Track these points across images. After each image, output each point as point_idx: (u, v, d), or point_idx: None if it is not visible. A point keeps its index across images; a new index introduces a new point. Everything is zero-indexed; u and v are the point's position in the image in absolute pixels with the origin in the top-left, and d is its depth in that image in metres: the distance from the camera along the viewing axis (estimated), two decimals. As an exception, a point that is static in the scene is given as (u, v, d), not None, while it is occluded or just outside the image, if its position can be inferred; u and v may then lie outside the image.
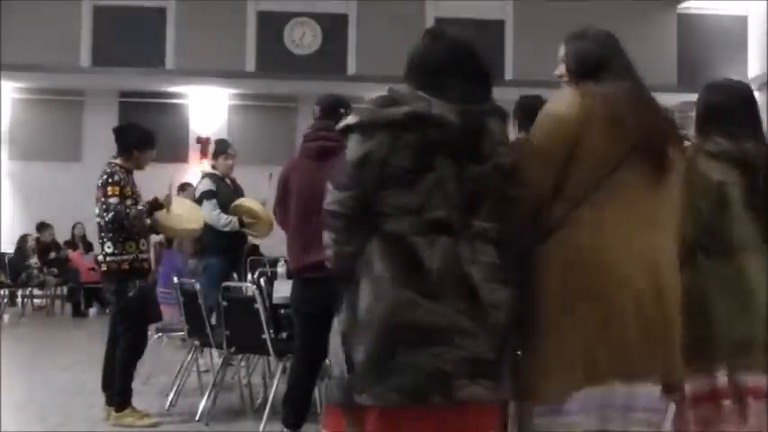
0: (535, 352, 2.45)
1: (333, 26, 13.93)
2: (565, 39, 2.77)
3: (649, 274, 2.43)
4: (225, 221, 7.18)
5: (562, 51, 2.74)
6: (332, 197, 2.47)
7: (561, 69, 2.72)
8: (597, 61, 2.65)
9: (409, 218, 2.35)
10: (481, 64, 2.58)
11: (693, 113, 3.24)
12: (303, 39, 13.96)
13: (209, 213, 7.05)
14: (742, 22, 14.24)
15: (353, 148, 2.42)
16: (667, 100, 14.54)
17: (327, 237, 2.51)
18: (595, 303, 2.39)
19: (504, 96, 5.68)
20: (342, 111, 4.91)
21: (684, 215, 2.71)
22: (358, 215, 2.41)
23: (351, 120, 2.47)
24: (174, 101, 14.27)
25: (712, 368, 2.94)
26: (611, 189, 2.44)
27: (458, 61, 2.52)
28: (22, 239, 13.04)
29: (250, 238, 8.02)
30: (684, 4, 14.07)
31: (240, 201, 7.36)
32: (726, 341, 2.91)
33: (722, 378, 2.93)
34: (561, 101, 2.56)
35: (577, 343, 2.39)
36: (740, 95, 3.18)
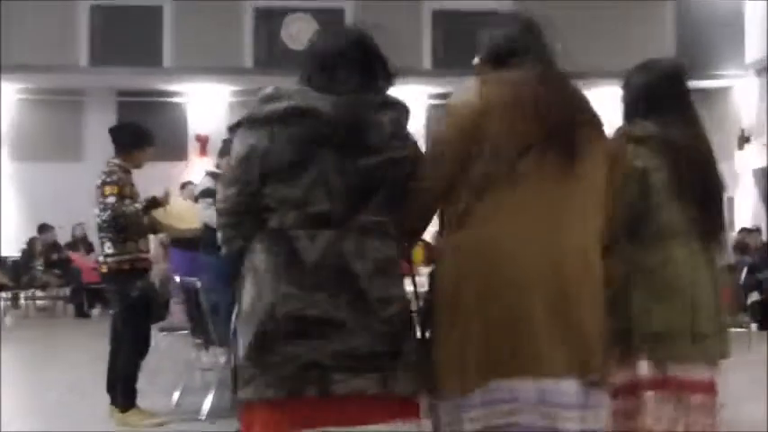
0: (438, 346, 2.41)
1: (329, 21, 13.89)
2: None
3: (553, 266, 2.35)
4: None
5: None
6: (219, 194, 2.48)
7: (476, 59, 2.67)
8: (508, 48, 2.59)
9: (292, 212, 2.35)
10: (372, 54, 2.54)
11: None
12: (300, 34, 13.94)
13: (204, 212, 7.04)
14: (739, 7, 14.20)
15: (237, 144, 2.43)
16: (666, 87, 14.56)
17: (218, 233, 2.50)
18: (494, 297, 2.34)
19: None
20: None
21: (612, 203, 2.59)
22: (244, 211, 2.41)
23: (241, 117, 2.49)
24: (173, 99, 14.26)
25: (633, 359, 2.83)
26: (515, 179, 2.36)
27: (345, 53, 2.50)
28: (31, 242, 13.04)
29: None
30: (682, -9, 14.04)
31: None
32: (647, 331, 2.81)
33: (643, 369, 2.84)
34: (462, 92, 2.51)
35: (477, 337, 2.34)
36: (666, 76, 3.03)
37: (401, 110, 2.51)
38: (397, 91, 2.63)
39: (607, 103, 12.62)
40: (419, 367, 2.40)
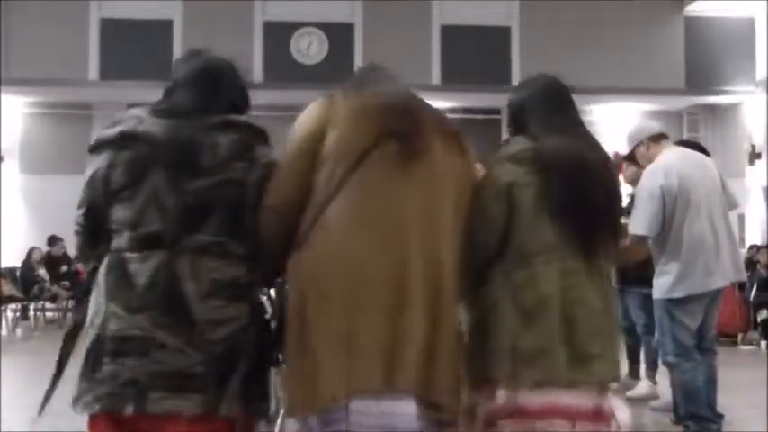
0: (288, 365, 2.41)
1: (339, 35, 13.94)
2: None
3: (394, 277, 2.32)
4: None
5: None
6: (75, 216, 2.56)
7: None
8: (361, 77, 2.66)
9: (127, 233, 2.41)
10: (219, 80, 2.60)
11: (701, 117, 3.15)
12: (310, 48, 13.97)
13: None
14: (749, 23, 14.19)
15: (88, 167, 2.50)
16: (676, 103, 14.52)
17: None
18: (332, 313, 2.31)
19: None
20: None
21: (478, 220, 2.59)
22: (92, 232, 2.49)
23: None
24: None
25: (498, 383, 2.64)
26: (355, 187, 2.37)
27: (187, 79, 2.56)
28: (29, 252, 13.13)
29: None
30: (691, 7, 14.03)
31: None
32: (510, 353, 2.61)
33: (506, 394, 2.63)
34: (309, 107, 2.57)
35: (318, 355, 2.31)
36: (545, 92, 2.90)
37: (246, 131, 2.53)
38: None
39: (617, 118, 12.62)
40: (248, 389, 2.40)
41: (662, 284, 4.98)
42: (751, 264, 11.62)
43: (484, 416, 2.67)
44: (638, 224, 5.03)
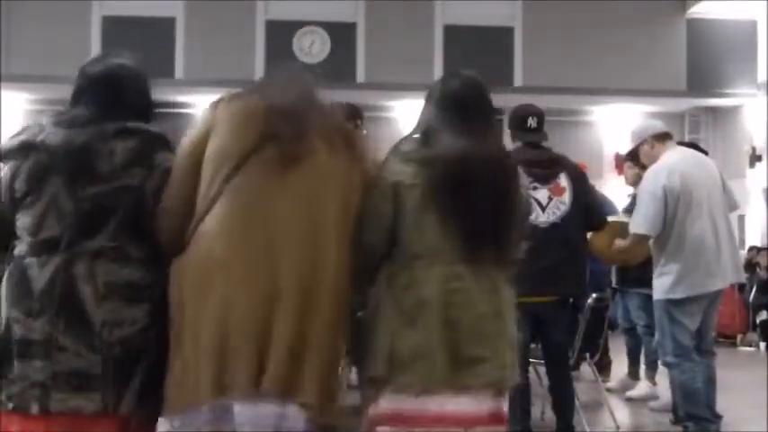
0: (168, 368, 2.47)
1: (341, 34, 13.94)
2: None
3: (262, 286, 2.38)
4: None
5: None
6: None
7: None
8: (264, 78, 2.78)
9: (27, 239, 2.49)
10: (117, 85, 2.67)
11: (702, 119, 3.13)
12: (312, 47, 13.97)
13: None
14: (751, 26, 14.18)
15: None
16: (677, 104, 14.52)
17: None
18: (202, 318, 2.38)
19: (514, 103, 5.74)
20: (358, 121, 4.91)
21: (366, 220, 2.61)
22: (1, 240, 2.56)
23: None
24: (185, 110, 14.29)
25: (379, 386, 2.63)
26: (230, 197, 2.44)
27: (90, 83, 2.67)
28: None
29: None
30: (693, 9, 14.03)
31: None
32: (388, 356, 2.59)
33: (386, 398, 2.61)
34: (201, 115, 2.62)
35: (187, 358, 2.39)
36: (450, 92, 2.84)
37: (145, 138, 2.59)
38: (408, 105, 2.65)
39: (618, 120, 12.64)
40: (148, 389, 2.47)
41: (662, 285, 4.99)
42: (751, 265, 11.64)
43: (367, 420, 2.66)
44: (639, 223, 5.05)
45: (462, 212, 2.63)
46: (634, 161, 6.13)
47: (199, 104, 14.34)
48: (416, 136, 2.79)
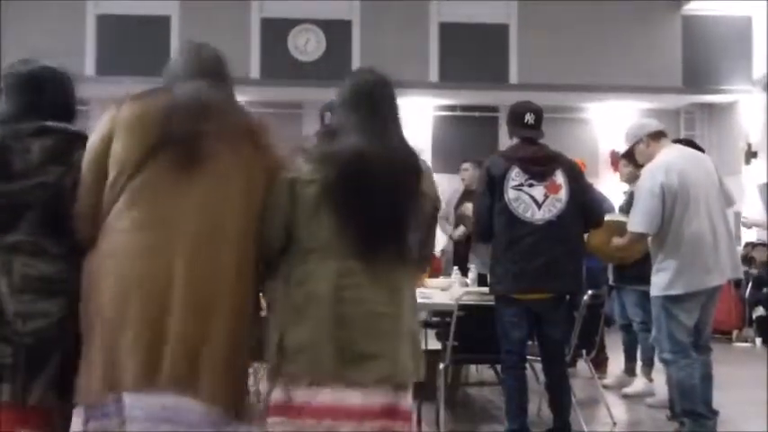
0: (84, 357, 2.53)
1: (337, 32, 13.93)
2: None
3: (157, 284, 2.44)
4: None
5: None
6: None
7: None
8: (170, 74, 2.75)
9: None
10: (39, 87, 2.75)
11: (698, 115, 3.13)
12: (307, 45, 13.96)
13: None
14: (747, 22, 14.19)
15: None
16: (673, 101, 14.53)
17: None
18: (102, 315, 2.45)
19: (510, 100, 5.73)
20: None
21: (266, 215, 2.65)
22: None
23: None
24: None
25: (273, 378, 2.69)
26: (129, 200, 2.51)
27: (13, 85, 2.75)
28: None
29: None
30: (688, 6, 14.04)
31: None
32: (277, 348, 2.64)
33: (278, 390, 2.66)
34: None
35: (96, 350, 2.46)
36: (354, 90, 2.88)
37: (62, 137, 2.67)
38: (404, 103, 2.64)
39: (614, 117, 12.66)
40: (60, 381, 2.53)
41: (660, 281, 4.99)
42: (746, 261, 11.65)
43: (263, 410, 2.71)
44: (637, 222, 5.05)
45: (358, 210, 2.66)
46: (630, 161, 6.14)
47: (194, 103, 14.36)
48: (320, 134, 2.89)
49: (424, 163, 2.91)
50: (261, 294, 2.77)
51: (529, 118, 5.11)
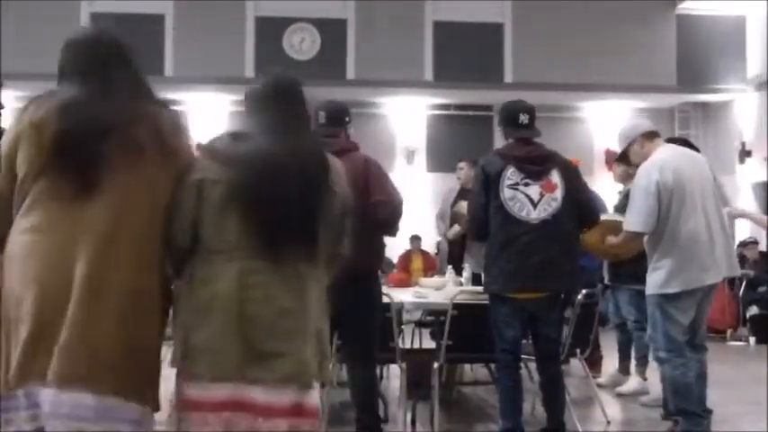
0: None
1: (331, 31, 13.93)
2: None
3: (58, 281, 2.48)
4: None
5: None
6: None
7: None
8: (61, 68, 2.80)
9: None
10: None
11: (692, 114, 3.14)
12: (302, 44, 13.96)
13: None
14: (741, 22, 14.23)
15: None
16: (667, 100, 14.56)
17: None
18: (8, 314, 2.51)
19: (504, 99, 5.73)
20: (347, 119, 4.90)
21: (172, 215, 2.67)
22: None
23: None
24: (174, 108, 14.28)
25: (178, 376, 2.71)
26: (34, 199, 2.54)
27: None
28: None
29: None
30: (683, 5, 14.06)
31: None
32: (182, 347, 2.67)
33: (184, 387, 2.68)
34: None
35: (2, 346, 2.52)
36: (263, 90, 2.92)
37: None
38: (398, 102, 2.64)
39: (609, 116, 12.62)
40: None
41: (655, 280, 5.00)
42: (740, 260, 11.66)
43: (172, 407, 2.75)
44: (634, 221, 5.05)
45: (264, 210, 2.67)
46: (625, 162, 6.14)
47: (189, 102, 14.33)
48: (228, 134, 2.87)
49: (335, 161, 2.94)
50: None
51: (523, 118, 5.11)
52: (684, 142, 5.81)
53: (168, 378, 2.76)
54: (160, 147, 2.67)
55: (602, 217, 5.70)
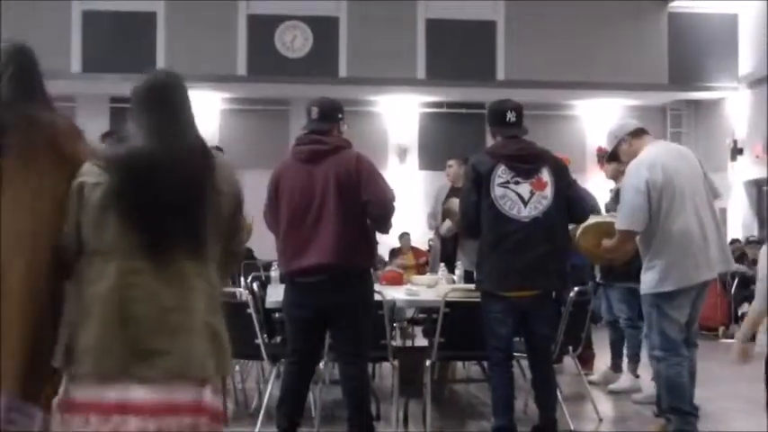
0: None
1: (324, 29, 13.91)
2: None
3: None
4: None
5: None
6: None
7: None
8: None
9: None
10: None
11: (684, 112, 3.15)
12: (294, 42, 13.94)
13: None
14: (732, 20, 14.25)
15: None
16: (659, 98, 14.58)
17: None
18: None
19: (497, 97, 5.73)
20: (340, 116, 4.91)
21: (62, 219, 2.72)
22: None
23: None
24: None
25: (63, 377, 2.70)
26: None
27: None
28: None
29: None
30: (675, 3, 14.09)
31: None
32: (66, 347, 2.68)
33: (66, 388, 2.68)
34: None
35: None
36: (143, 91, 2.92)
37: None
38: (390, 100, 2.64)
39: (601, 114, 12.62)
40: None
41: (650, 279, 5.00)
42: (741, 257, 11.68)
43: (55, 409, 2.73)
44: (624, 220, 5.06)
45: (142, 211, 2.70)
46: (615, 161, 6.16)
47: (181, 100, 14.33)
48: (113, 136, 2.97)
49: (223, 160, 2.94)
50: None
51: (510, 116, 5.12)
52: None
53: None
54: (54, 153, 2.72)
55: (596, 219, 5.70)
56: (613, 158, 5.73)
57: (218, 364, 2.76)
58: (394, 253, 12.67)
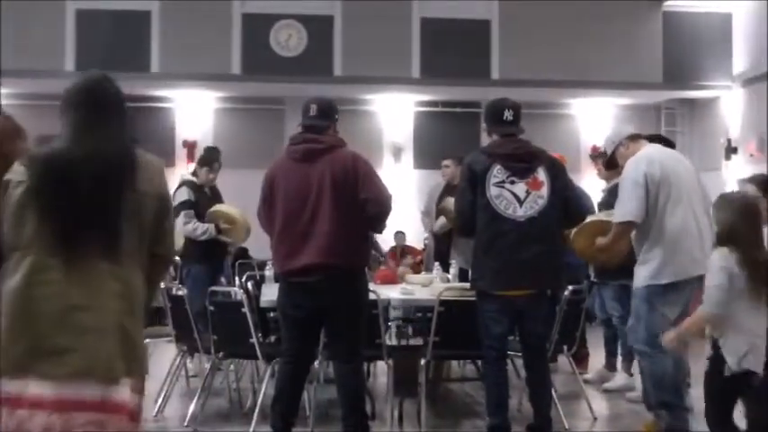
0: None
1: (319, 28, 13.89)
2: None
3: None
4: (201, 231, 7.19)
5: None
6: None
7: None
8: None
9: None
10: None
11: (678, 111, 3.16)
12: (289, 41, 13.91)
13: (183, 226, 7.07)
14: (727, 19, 14.26)
15: None
16: (653, 97, 14.59)
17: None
18: None
19: (492, 96, 5.73)
20: (336, 116, 4.92)
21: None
22: None
23: None
24: (160, 105, 14.22)
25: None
26: None
27: None
28: None
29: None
30: (669, 2, 14.09)
31: (217, 206, 7.35)
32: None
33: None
34: None
35: None
36: (74, 91, 3.00)
37: None
38: (385, 99, 2.64)
39: (595, 112, 12.69)
40: None
41: (644, 273, 5.01)
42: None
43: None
44: (624, 211, 5.08)
45: (57, 209, 2.75)
46: (612, 167, 6.17)
47: (175, 99, 14.29)
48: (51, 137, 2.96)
49: (151, 161, 2.95)
50: None
51: (507, 114, 5.12)
52: (660, 138, 5.86)
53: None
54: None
55: (591, 219, 5.72)
56: (612, 165, 5.74)
57: (128, 367, 2.78)
58: (402, 252, 12.70)
